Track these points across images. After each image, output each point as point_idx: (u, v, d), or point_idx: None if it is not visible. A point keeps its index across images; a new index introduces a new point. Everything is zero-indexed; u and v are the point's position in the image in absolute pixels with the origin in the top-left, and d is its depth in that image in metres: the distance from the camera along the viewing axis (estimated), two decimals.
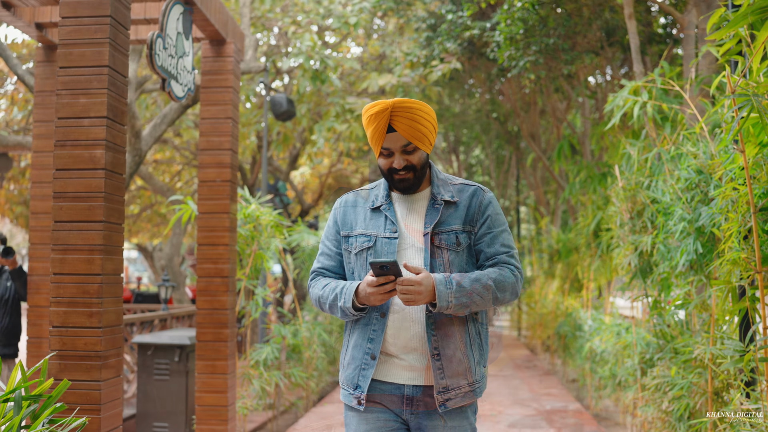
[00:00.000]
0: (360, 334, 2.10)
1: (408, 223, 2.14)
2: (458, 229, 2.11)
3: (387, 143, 2.06)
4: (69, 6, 2.71)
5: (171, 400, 5.06)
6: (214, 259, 4.28)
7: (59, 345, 2.62)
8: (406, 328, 2.06)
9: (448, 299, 1.98)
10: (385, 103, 2.03)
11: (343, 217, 2.20)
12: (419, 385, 2.06)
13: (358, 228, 2.16)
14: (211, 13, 4.13)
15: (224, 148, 4.39)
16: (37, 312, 4.47)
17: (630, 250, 4.57)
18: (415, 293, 1.95)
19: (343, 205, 2.23)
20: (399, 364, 2.07)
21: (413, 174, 2.09)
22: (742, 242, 2.96)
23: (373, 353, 2.06)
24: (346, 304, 2.04)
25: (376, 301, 1.99)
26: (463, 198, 2.16)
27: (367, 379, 2.05)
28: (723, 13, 3.11)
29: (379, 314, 2.07)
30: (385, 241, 2.10)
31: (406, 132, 2.04)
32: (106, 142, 2.69)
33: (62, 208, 2.67)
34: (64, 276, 2.65)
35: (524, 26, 6.66)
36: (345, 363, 2.15)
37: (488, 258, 2.14)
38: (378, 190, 2.22)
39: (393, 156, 2.08)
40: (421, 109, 2.05)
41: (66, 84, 2.70)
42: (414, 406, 2.06)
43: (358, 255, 2.14)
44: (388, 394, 2.07)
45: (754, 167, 2.88)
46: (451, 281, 2.00)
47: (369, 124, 2.07)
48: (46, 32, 4.48)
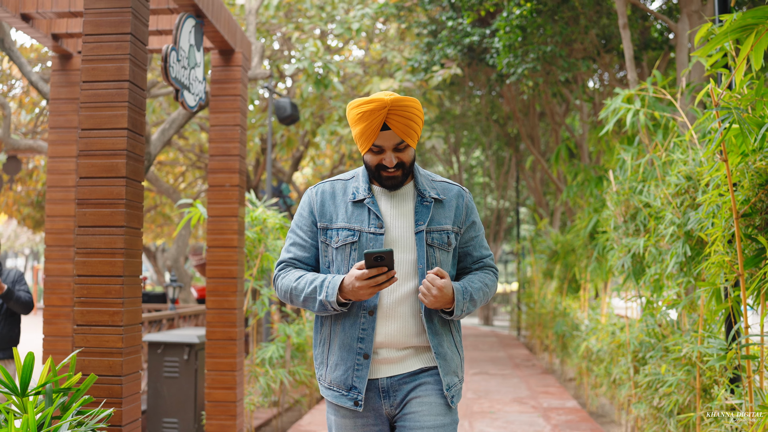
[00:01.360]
0: (348, 334, 2.02)
1: (393, 218, 2.07)
2: (449, 229, 2.09)
3: (379, 141, 1.99)
4: (92, 24, 2.89)
5: (180, 397, 5.23)
6: (224, 261, 4.45)
7: (83, 342, 2.80)
8: (395, 325, 2.02)
9: (462, 308, 2.00)
10: (382, 101, 1.95)
11: (320, 207, 2.09)
12: (393, 376, 2.02)
13: (339, 221, 2.06)
14: (221, 25, 4.30)
15: (233, 154, 4.56)
16: (53, 311, 4.65)
17: (623, 253, 4.74)
18: (435, 297, 1.93)
19: (320, 194, 2.12)
20: (373, 359, 2.02)
21: (402, 171, 2.04)
22: (726, 246, 3.13)
23: (365, 352, 2.00)
24: (330, 298, 1.94)
25: (365, 296, 1.91)
26: (449, 197, 2.13)
27: (363, 380, 2.00)
28: (710, 28, 3.29)
29: (367, 312, 2.00)
30: (371, 237, 2.02)
31: (400, 131, 1.98)
32: (127, 152, 2.86)
33: (86, 214, 2.85)
34: (88, 278, 2.82)
35: (522, 34, 6.83)
36: (331, 363, 2.06)
37: (475, 261, 2.17)
38: (357, 181, 2.12)
39: (383, 153, 2.01)
40: (414, 107, 2.00)
41: (89, 97, 2.87)
42: (392, 397, 2.02)
43: (339, 249, 2.05)
44: (366, 392, 2.03)
45: (737, 175, 3.05)
46: (467, 291, 2.02)
47: (360, 121, 1.98)
48: (62, 42, 4.66)
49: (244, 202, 4.73)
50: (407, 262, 2.03)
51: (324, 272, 2.09)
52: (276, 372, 5.71)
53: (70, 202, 4.68)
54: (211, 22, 4.12)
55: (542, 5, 6.75)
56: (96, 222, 2.84)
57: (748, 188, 2.99)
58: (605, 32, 7.28)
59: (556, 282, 10.35)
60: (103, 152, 2.86)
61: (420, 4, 8.81)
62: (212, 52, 4.66)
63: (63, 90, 4.76)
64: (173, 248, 9.72)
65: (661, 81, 5.00)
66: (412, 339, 2.03)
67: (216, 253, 4.47)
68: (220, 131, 4.56)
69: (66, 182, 4.73)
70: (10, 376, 2.36)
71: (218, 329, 4.46)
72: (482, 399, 7.20)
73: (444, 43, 8.47)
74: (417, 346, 2.04)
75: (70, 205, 4.68)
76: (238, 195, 4.54)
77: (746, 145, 2.91)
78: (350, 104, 2.03)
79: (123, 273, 2.82)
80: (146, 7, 3.05)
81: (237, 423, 4.45)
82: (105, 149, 2.86)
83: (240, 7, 9.00)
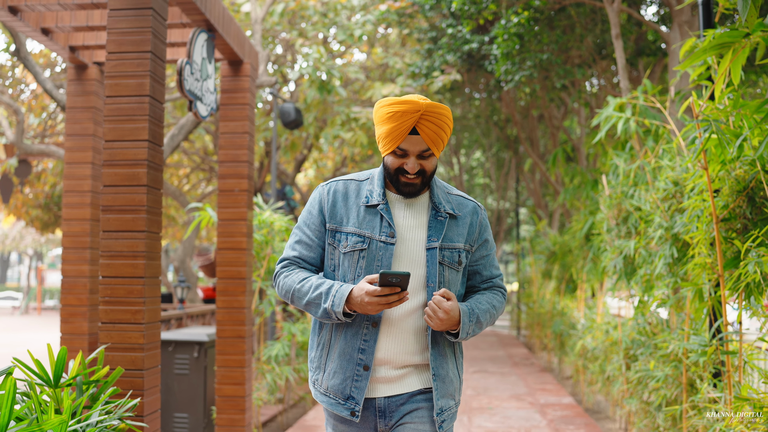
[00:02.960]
0: (349, 343, 1.96)
1: (406, 230, 1.99)
2: (461, 247, 2.02)
3: (405, 145, 1.91)
4: (115, 43, 3.10)
5: (190, 393, 5.44)
6: (233, 263, 4.66)
7: (108, 339, 3.01)
8: (397, 343, 1.96)
9: (468, 331, 1.94)
10: (416, 104, 1.87)
11: (332, 208, 2.02)
12: (391, 396, 1.97)
13: (350, 225, 1.98)
14: (231, 38, 4.51)
15: (242, 161, 4.77)
16: (69, 310, 4.86)
17: (616, 254, 4.95)
18: (441, 320, 1.88)
19: (332, 194, 2.03)
20: (372, 377, 1.97)
21: (421, 179, 1.96)
22: (708, 248, 3.34)
23: (366, 364, 1.94)
24: (336, 308, 1.88)
25: (372, 311, 1.85)
26: (464, 213, 2.05)
27: (362, 391, 1.94)
28: (693, 42, 3.51)
29: (370, 324, 1.95)
30: (381, 246, 1.95)
31: (429, 138, 1.90)
32: (148, 162, 3.08)
33: (110, 220, 3.06)
34: (112, 279, 3.04)
35: (520, 41, 7.05)
36: (329, 370, 2.00)
37: (484, 280, 2.11)
38: (371, 184, 2.03)
39: (406, 158, 1.93)
40: (447, 116, 1.92)
41: (112, 111, 3.09)
42: (388, 417, 1.97)
43: (347, 255, 1.98)
44: (362, 410, 1.98)
45: (718, 182, 3.26)
46: (474, 314, 1.96)
47: (390, 121, 1.90)
48: (78, 54, 4.87)
49: (252, 206, 4.95)
50: (416, 276, 1.96)
51: (328, 275, 2.03)
52: (282, 369, 5.93)
53: (86, 207, 4.89)
54: (222, 35, 4.33)
55: (539, 14, 6.97)
56: (119, 227, 3.05)
57: (728, 194, 3.19)
58: (600, 40, 7.50)
59: (554, 282, 10.57)
60: (126, 162, 3.07)
61: (421, 12, 9.03)
62: (222, 62, 4.87)
63: (79, 99, 4.98)
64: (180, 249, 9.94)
65: (652, 90, 5.21)
66: (414, 357, 1.97)
67: (226, 255, 4.68)
68: (230, 138, 4.77)
69: (82, 187, 4.94)
70: (45, 369, 2.57)
71: (228, 327, 4.67)
72: (481, 396, 7.41)
73: (444, 50, 8.69)
74: (418, 364, 1.99)
75: (86, 209, 4.89)
76: (247, 199, 4.75)
77: (725, 155, 3.12)
78: (381, 101, 1.94)
79: (144, 274, 3.03)
80: (164, 26, 3.26)
81: (246, 417, 4.67)
82: (127, 159, 3.07)
83: (246, 15, 9.22)
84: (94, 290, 4.80)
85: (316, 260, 2.06)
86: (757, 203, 3.08)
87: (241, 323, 4.66)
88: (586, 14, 6.98)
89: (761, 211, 3.05)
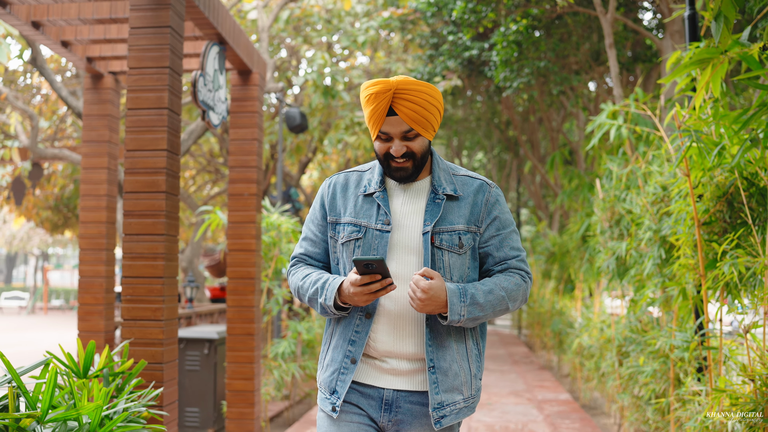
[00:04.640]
0: (341, 336, 1.92)
1: (404, 216, 1.92)
2: (461, 229, 1.90)
3: (386, 127, 1.85)
4: (136, 59, 3.33)
5: (201, 388, 5.68)
6: (243, 263, 4.89)
7: (130, 335, 3.24)
8: (397, 333, 1.89)
9: (460, 313, 1.81)
10: (387, 83, 1.82)
11: (331, 201, 1.99)
12: (401, 390, 1.89)
13: (347, 215, 1.94)
14: (240, 50, 4.74)
15: (251, 166, 5.00)
16: (86, 309, 5.09)
17: (609, 255, 5.17)
18: (422, 300, 1.77)
19: (332, 187, 2.01)
20: (381, 367, 1.90)
21: (412, 162, 1.88)
22: (692, 250, 3.55)
23: (353, 357, 1.88)
24: (328, 302, 1.85)
25: (361, 302, 1.80)
26: (467, 192, 1.94)
27: (346, 385, 1.87)
28: (679, 55, 3.72)
29: (363, 315, 1.89)
30: (376, 234, 1.89)
31: (408, 117, 1.82)
32: (166, 170, 3.31)
33: (131, 224, 3.29)
34: (133, 279, 3.27)
35: (518, 49, 7.27)
36: (324, 364, 1.96)
37: (497, 263, 1.95)
38: (372, 173, 2.00)
39: (391, 141, 1.87)
40: (426, 92, 1.83)
41: (133, 123, 3.32)
42: (393, 412, 1.89)
43: (345, 245, 1.93)
44: (366, 398, 1.90)
45: (701, 188, 3.47)
46: (466, 293, 1.82)
47: (368, 104, 1.86)
48: (95, 64, 5.11)
49: (261, 209, 5.17)
50: (412, 264, 1.89)
51: (334, 269, 1.99)
52: (288, 366, 6.15)
53: (102, 210, 5.12)
54: (232, 47, 4.56)
55: (537, 22, 7.19)
56: (140, 231, 3.28)
57: (709, 200, 3.41)
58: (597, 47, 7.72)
59: (553, 282, 10.79)
60: (146, 170, 3.30)
61: (423, 19, 9.26)
62: (231, 72, 5.10)
63: (95, 107, 5.21)
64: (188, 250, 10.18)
65: (643, 97, 5.43)
66: (411, 348, 1.88)
67: (236, 256, 4.91)
68: (240, 145, 5.00)
69: (98, 191, 5.17)
70: (75, 361, 2.80)
71: (238, 325, 4.89)
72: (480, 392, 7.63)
73: (445, 56, 8.92)
74: (415, 356, 1.90)
75: (101, 212, 5.12)
76: (256, 203, 4.98)
77: (705, 163, 3.34)
78: (362, 85, 1.90)
79: (163, 275, 3.26)
80: (181, 43, 3.50)
81: (255, 410, 4.89)
82: (147, 168, 3.30)
83: (252, 22, 9.45)
84: (109, 289, 5.04)
85: (322, 255, 2.03)
86: (736, 208, 3.30)
87: (251, 321, 4.89)
88: (583, 23, 7.21)
89: (739, 215, 3.26)
